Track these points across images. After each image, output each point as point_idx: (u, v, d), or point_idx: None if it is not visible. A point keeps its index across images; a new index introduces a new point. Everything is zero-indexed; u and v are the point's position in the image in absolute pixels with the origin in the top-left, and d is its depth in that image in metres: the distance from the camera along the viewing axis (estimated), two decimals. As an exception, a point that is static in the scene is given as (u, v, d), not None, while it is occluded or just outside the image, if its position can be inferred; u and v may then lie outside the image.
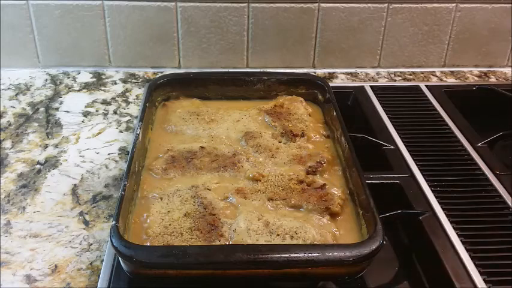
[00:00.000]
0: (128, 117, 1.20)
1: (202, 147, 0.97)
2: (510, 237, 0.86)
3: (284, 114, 1.08)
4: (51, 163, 1.04)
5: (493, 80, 1.43)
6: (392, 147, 1.07)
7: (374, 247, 0.71)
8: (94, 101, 1.26)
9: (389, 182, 0.97)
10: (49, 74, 1.37)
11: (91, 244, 0.86)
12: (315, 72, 1.42)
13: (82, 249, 0.85)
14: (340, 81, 1.40)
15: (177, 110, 1.10)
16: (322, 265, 0.70)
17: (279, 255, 0.70)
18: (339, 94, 1.15)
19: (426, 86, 1.32)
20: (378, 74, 1.43)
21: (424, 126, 1.15)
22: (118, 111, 1.22)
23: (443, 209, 0.90)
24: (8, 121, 1.17)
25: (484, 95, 1.32)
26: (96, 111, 1.22)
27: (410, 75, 1.43)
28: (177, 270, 0.71)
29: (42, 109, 1.22)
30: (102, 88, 1.32)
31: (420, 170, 1.00)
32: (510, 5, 1.38)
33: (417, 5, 1.36)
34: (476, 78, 1.44)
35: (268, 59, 1.41)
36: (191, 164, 0.94)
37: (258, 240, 0.77)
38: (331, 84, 1.14)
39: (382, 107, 1.21)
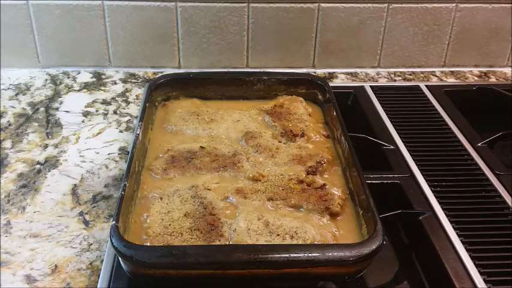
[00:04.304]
0: (128, 117, 1.20)
1: (202, 147, 0.97)
2: (510, 237, 0.86)
3: (284, 114, 1.08)
4: (51, 163, 1.04)
5: (493, 80, 1.43)
6: (392, 147, 1.07)
7: (374, 247, 0.71)
8: (94, 101, 1.26)
9: (389, 182, 0.97)
10: (49, 74, 1.37)
11: (91, 244, 0.86)
12: (315, 72, 1.42)
13: (82, 249, 0.85)
14: (340, 81, 1.40)
15: (177, 110, 1.10)
16: (322, 265, 0.70)
17: (279, 255, 0.70)
18: (339, 94, 1.15)
19: (426, 86, 1.32)
20: (378, 74, 1.43)
21: (424, 126, 1.15)
22: (118, 111, 1.22)
23: (443, 209, 0.90)
24: (8, 121, 1.17)
25: (484, 95, 1.31)
26: (96, 111, 1.22)
27: (410, 75, 1.44)
28: (177, 270, 0.71)
29: (42, 109, 1.22)
30: (102, 88, 1.32)
31: (420, 170, 1.00)
32: (510, 5, 1.38)
33: (417, 5, 1.36)
34: (476, 78, 1.44)
35: (268, 59, 1.41)
36: (191, 164, 0.94)
37: (258, 240, 0.77)
38: (331, 84, 1.14)
39: (382, 107, 1.21)
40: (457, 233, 0.86)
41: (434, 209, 0.90)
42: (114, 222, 0.73)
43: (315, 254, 0.70)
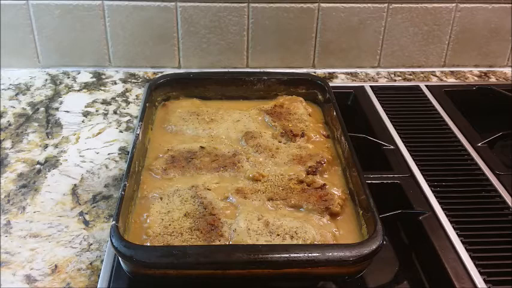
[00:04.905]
0: (128, 117, 1.20)
1: (202, 147, 0.98)
2: (510, 237, 0.86)
3: (284, 114, 1.08)
4: (51, 163, 1.04)
5: (493, 80, 1.43)
6: (392, 147, 1.07)
7: (374, 247, 0.71)
8: (94, 101, 1.26)
9: (389, 182, 0.97)
10: (49, 74, 1.37)
11: (91, 244, 0.86)
12: (315, 72, 1.42)
13: (82, 249, 0.85)
14: (340, 81, 1.40)
15: (177, 110, 1.10)
16: (322, 265, 0.70)
17: (279, 255, 0.70)
18: (339, 94, 1.15)
19: (426, 86, 1.32)
20: (378, 74, 1.43)
21: (424, 126, 1.15)
22: (118, 111, 1.22)
23: (443, 209, 0.90)
24: (8, 121, 1.17)
25: (484, 95, 1.31)
26: (96, 111, 1.22)
27: (410, 75, 1.44)
28: (177, 270, 0.71)
29: (42, 109, 1.22)
30: (102, 88, 1.32)
31: (420, 170, 1.00)
32: (510, 5, 1.38)
33: (417, 5, 1.36)
34: (476, 78, 1.44)
35: (268, 59, 1.41)
36: (191, 164, 0.94)
37: (258, 240, 0.77)
38: (331, 84, 1.14)
39: (382, 107, 1.21)
40: (457, 233, 0.86)
41: (434, 209, 0.90)
42: (114, 222, 0.73)
43: (315, 254, 0.70)
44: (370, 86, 1.30)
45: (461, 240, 0.84)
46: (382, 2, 1.35)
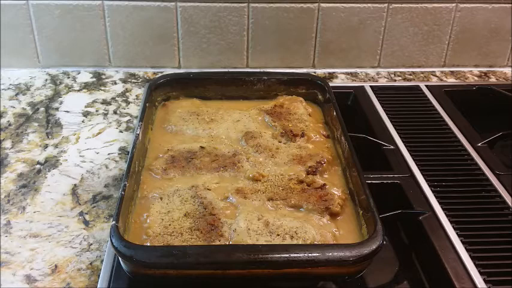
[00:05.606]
0: (128, 117, 1.20)
1: (202, 147, 0.98)
2: (510, 237, 0.86)
3: (284, 114, 1.08)
4: (51, 163, 1.04)
5: (493, 80, 1.43)
6: (392, 147, 1.07)
7: (374, 247, 0.71)
8: (94, 101, 1.26)
9: (389, 182, 0.97)
10: (49, 74, 1.37)
11: (91, 244, 0.86)
12: (315, 72, 1.42)
13: (82, 249, 0.85)
14: (340, 81, 1.40)
15: (177, 110, 1.10)
16: (322, 265, 0.70)
17: (279, 255, 0.70)
18: (339, 94, 1.15)
19: (426, 86, 1.32)
20: (378, 74, 1.43)
21: (424, 126, 1.15)
22: (118, 111, 1.22)
23: (443, 209, 0.90)
24: (8, 121, 1.17)
25: (484, 95, 1.32)
26: (96, 111, 1.22)
27: (410, 75, 1.44)
28: (177, 270, 0.71)
29: (42, 109, 1.22)
30: (102, 88, 1.32)
31: (420, 170, 1.00)
32: (510, 5, 1.38)
33: (417, 5, 1.36)
34: (476, 78, 1.44)
35: (268, 59, 1.41)
36: (191, 164, 0.94)
37: (258, 240, 0.77)
38: (331, 84, 1.15)
39: (382, 107, 1.21)
40: (457, 233, 0.86)
41: (434, 209, 0.90)
42: (114, 222, 0.73)
43: (315, 254, 0.70)
44: (370, 86, 1.30)
45: (461, 240, 0.84)
46: (382, 2, 1.35)
